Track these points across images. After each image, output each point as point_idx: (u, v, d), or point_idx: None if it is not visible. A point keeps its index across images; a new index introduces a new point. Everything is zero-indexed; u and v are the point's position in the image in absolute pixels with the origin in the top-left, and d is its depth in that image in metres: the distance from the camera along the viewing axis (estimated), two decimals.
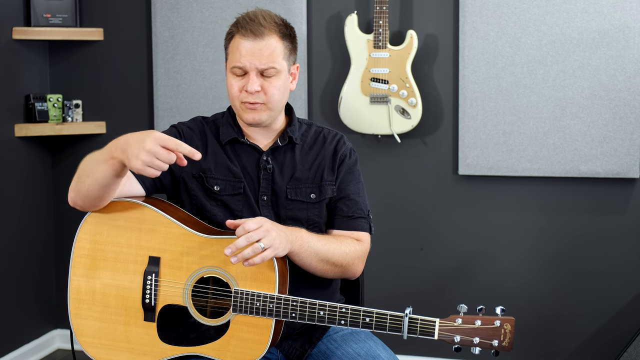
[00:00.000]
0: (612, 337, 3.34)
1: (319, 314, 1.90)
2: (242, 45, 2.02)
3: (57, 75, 3.76)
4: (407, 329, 1.86)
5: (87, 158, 1.99)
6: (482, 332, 1.85)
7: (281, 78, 2.06)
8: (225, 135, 2.11)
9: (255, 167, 2.10)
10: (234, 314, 1.93)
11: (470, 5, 3.30)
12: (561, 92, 3.25)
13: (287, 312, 1.91)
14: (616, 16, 3.18)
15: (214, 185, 2.07)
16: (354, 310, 1.89)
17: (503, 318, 1.85)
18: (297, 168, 2.11)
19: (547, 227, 3.38)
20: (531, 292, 3.41)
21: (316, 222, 2.11)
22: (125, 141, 1.84)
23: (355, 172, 2.17)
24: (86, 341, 2.01)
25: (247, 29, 2.02)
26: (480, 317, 1.85)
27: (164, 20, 3.57)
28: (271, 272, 1.92)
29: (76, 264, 2.02)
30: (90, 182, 1.94)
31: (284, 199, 2.09)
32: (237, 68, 2.03)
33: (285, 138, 2.12)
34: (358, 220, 2.14)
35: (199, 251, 1.97)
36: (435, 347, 3.53)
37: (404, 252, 3.51)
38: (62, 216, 3.80)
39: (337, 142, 2.17)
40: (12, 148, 3.53)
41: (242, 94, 2.04)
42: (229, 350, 1.93)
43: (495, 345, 1.85)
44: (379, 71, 3.30)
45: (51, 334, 3.85)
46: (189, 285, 1.96)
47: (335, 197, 2.13)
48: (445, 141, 3.44)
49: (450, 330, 1.85)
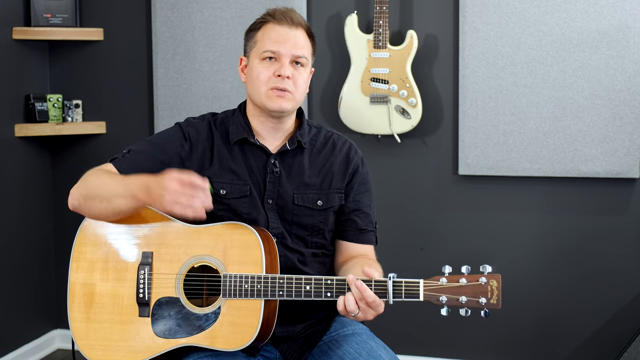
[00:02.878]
0: (612, 337, 3.34)
1: (305, 288, 1.91)
2: (278, 30, 2.04)
3: (57, 75, 3.76)
4: (392, 293, 1.85)
5: (98, 179, 2.00)
6: (468, 290, 1.83)
7: (307, 72, 2.09)
8: (235, 134, 2.10)
9: (262, 170, 2.09)
10: (224, 300, 1.94)
11: (470, 5, 3.30)
12: (561, 92, 3.25)
13: (274, 291, 1.91)
14: (616, 16, 3.18)
15: (220, 190, 2.07)
16: (339, 281, 1.90)
17: (488, 275, 1.83)
18: (305, 173, 2.11)
19: (547, 227, 3.38)
20: (531, 292, 3.41)
21: (321, 229, 2.11)
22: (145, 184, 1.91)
23: (368, 183, 2.19)
24: (85, 344, 2.02)
25: (284, 18, 2.04)
26: (465, 276, 1.84)
27: (164, 20, 3.57)
28: (257, 253, 1.93)
29: (74, 268, 2.04)
30: (104, 207, 1.97)
31: (291, 204, 2.08)
32: (269, 52, 2.03)
33: (294, 142, 2.11)
34: (368, 233, 2.17)
35: (189, 241, 1.99)
36: (435, 347, 3.53)
37: (404, 252, 3.51)
38: (62, 216, 3.80)
39: (349, 150, 2.17)
40: (12, 148, 3.53)
41: (272, 80, 2.03)
42: (220, 337, 1.93)
43: (482, 304, 1.82)
44: (379, 71, 3.30)
45: (51, 334, 3.85)
46: (180, 276, 1.98)
47: (349, 209, 2.14)
48: (445, 141, 3.44)
49: (435, 290, 1.84)
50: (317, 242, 2.11)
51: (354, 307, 1.85)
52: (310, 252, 2.10)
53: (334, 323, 2.13)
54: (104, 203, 1.96)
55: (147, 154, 2.07)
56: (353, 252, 2.16)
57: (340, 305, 1.87)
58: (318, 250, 2.12)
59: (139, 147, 2.09)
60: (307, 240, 2.10)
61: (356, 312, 1.86)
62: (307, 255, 2.09)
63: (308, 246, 2.10)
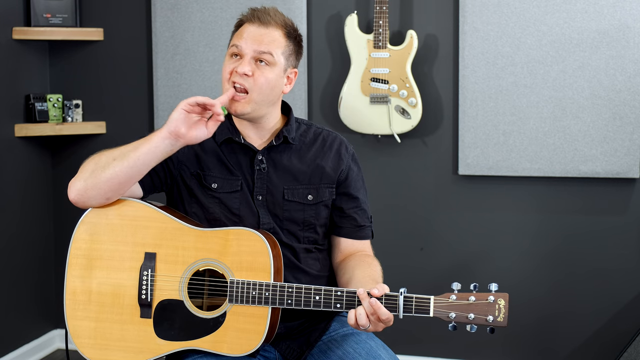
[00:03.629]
0: (612, 337, 3.34)
1: (314, 298, 1.91)
2: (246, 29, 2.04)
3: (57, 75, 3.76)
4: (402, 308, 1.87)
5: (100, 155, 2.00)
6: (477, 307, 1.86)
7: (274, 71, 2.04)
8: (220, 135, 2.10)
9: (249, 167, 2.09)
10: (230, 305, 1.94)
11: (470, 5, 3.30)
12: (561, 92, 3.25)
13: (282, 299, 1.92)
14: (616, 16, 3.18)
15: (212, 183, 2.07)
16: (349, 293, 1.90)
17: (497, 294, 1.86)
18: (295, 168, 2.11)
19: (547, 227, 3.38)
20: (531, 291, 3.41)
21: (312, 224, 2.11)
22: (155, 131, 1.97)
23: (361, 178, 2.19)
24: (82, 342, 2.01)
25: (255, 16, 2.05)
26: (474, 294, 1.87)
27: (164, 20, 3.57)
28: (266, 260, 1.93)
29: (72, 265, 2.02)
30: (118, 168, 1.95)
31: (281, 199, 2.08)
32: (234, 46, 2.04)
33: (280, 137, 2.10)
34: (365, 229, 2.17)
35: (194, 244, 1.98)
36: (435, 347, 3.53)
37: (404, 252, 3.51)
38: (62, 216, 3.80)
39: (339, 146, 2.16)
40: (12, 148, 3.53)
41: (233, 75, 2.02)
42: (225, 342, 1.93)
43: (490, 321, 1.85)
44: (379, 71, 3.30)
45: (51, 334, 3.85)
46: (184, 279, 1.97)
47: (347, 206, 2.14)
48: (445, 141, 3.44)
49: (445, 307, 1.86)
50: (309, 237, 2.11)
51: (365, 321, 1.86)
52: (302, 248, 2.09)
53: (334, 322, 2.13)
54: (116, 162, 1.95)
55: None
56: (352, 249, 2.17)
57: (352, 319, 1.88)
58: (311, 245, 2.11)
59: None
60: (299, 235, 2.10)
61: (367, 326, 1.87)
62: (300, 251, 2.09)
63: (300, 241, 2.10)
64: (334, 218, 2.16)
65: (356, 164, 2.18)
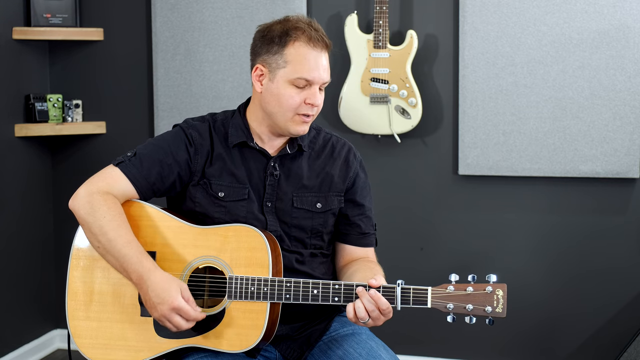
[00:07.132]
0: (612, 337, 3.34)
1: (312, 292, 1.92)
2: (312, 56, 1.99)
3: (57, 75, 3.76)
4: (400, 299, 1.87)
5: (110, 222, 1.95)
6: (475, 298, 1.85)
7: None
8: (234, 137, 2.08)
9: (262, 173, 2.08)
10: (229, 301, 1.94)
11: (470, 5, 3.30)
12: (561, 92, 3.25)
13: (281, 294, 1.92)
14: (616, 16, 3.18)
15: (219, 192, 2.06)
16: (346, 285, 1.90)
17: (495, 284, 1.85)
18: (305, 176, 2.10)
19: (547, 227, 3.38)
20: (531, 291, 3.41)
21: (320, 232, 2.11)
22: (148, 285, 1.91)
23: (368, 186, 2.20)
24: (83, 342, 2.01)
25: (317, 40, 2.00)
26: (472, 284, 1.86)
27: (164, 20, 3.57)
28: (264, 255, 1.93)
29: (74, 266, 2.03)
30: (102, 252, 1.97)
31: (290, 206, 2.08)
32: (303, 79, 1.99)
33: (294, 145, 2.10)
34: (370, 237, 2.18)
35: (194, 242, 1.98)
36: (435, 347, 3.53)
37: (404, 252, 3.51)
38: (62, 216, 3.80)
39: (348, 154, 2.16)
40: (12, 148, 3.53)
41: (303, 107, 2.01)
42: (224, 339, 1.93)
43: (488, 312, 1.84)
44: (379, 71, 3.30)
45: (51, 334, 3.85)
46: (184, 277, 1.97)
47: (352, 213, 2.15)
48: (445, 141, 3.44)
49: (443, 298, 1.86)
50: (315, 244, 2.12)
51: (364, 314, 1.86)
52: (308, 252, 2.10)
53: (334, 323, 2.14)
54: (100, 247, 1.95)
55: (155, 159, 2.04)
56: (355, 255, 2.17)
57: (350, 312, 1.88)
58: (317, 251, 2.12)
59: (145, 151, 2.05)
60: (306, 242, 2.10)
61: (367, 319, 1.87)
62: (306, 255, 2.09)
63: (307, 247, 2.10)
64: (339, 225, 2.16)
65: (363, 171, 2.19)
